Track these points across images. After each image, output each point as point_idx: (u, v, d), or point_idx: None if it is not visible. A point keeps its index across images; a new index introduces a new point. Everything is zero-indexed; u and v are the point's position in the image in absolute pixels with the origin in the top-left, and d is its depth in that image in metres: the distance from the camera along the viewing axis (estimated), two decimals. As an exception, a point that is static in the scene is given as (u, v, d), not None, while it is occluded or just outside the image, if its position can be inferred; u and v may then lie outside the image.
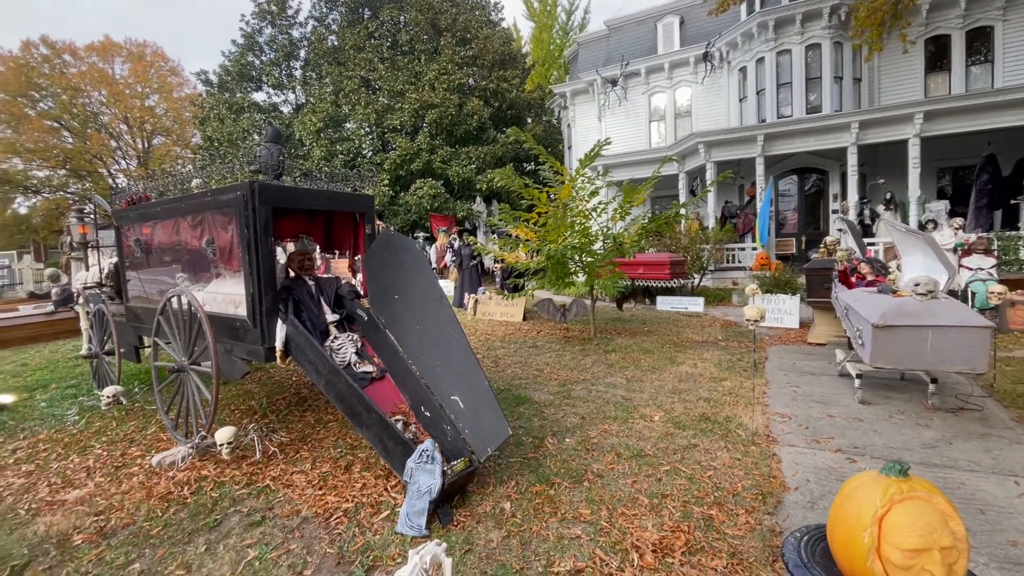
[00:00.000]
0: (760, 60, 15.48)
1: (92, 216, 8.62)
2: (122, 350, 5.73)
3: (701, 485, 3.28)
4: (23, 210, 29.17)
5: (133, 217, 5.35)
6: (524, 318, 10.41)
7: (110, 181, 29.66)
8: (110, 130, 30.68)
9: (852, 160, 12.81)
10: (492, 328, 9.73)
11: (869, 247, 10.99)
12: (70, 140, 28.99)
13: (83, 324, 7.08)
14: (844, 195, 14.17)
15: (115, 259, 6.12)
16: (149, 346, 5.31)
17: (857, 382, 4.90)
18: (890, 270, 6.31)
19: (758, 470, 3.46)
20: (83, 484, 3.72)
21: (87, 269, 7.23)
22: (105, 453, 4.26)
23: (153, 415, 5.12)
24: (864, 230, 12.64)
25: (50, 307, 10.80)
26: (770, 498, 3.08)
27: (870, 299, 4.73)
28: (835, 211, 14.57)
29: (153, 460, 3.93)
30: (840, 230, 11.54)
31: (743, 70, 16.31)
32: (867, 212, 13.39)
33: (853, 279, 6.29)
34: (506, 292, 10.02)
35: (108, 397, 5.35)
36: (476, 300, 11.29)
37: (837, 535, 1.69)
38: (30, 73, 27.31)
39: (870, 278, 6.06)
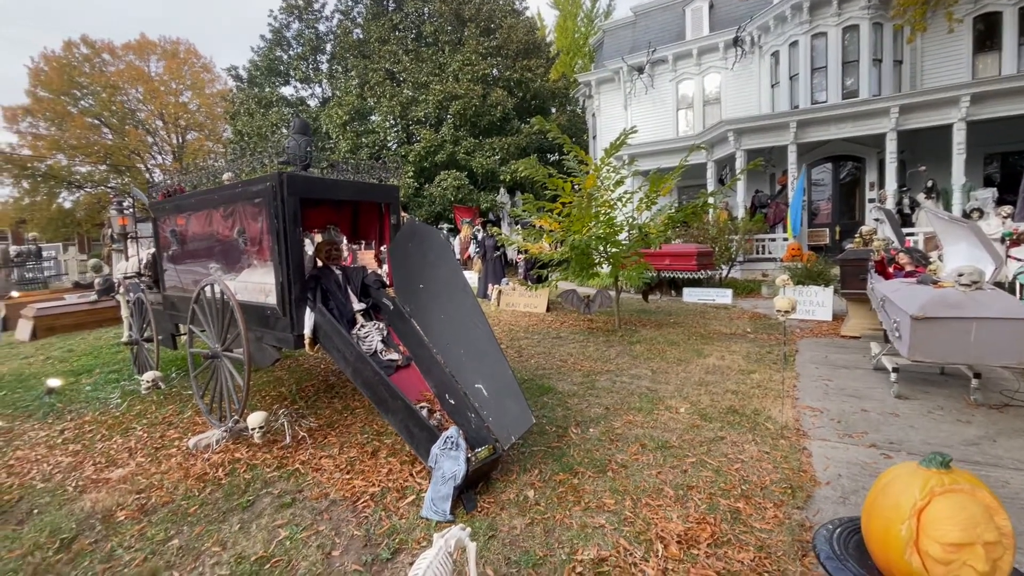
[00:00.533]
0: (794, 44, 14.96)
1: (131, 209, 8.92)
2: (160, 337, 5.91)
3: (728, 478, 3.22)
4: (67, 204, 30.22)
5: (168, 209, 5.50)
6: (548, 309, 10.36)
7: (147, 176, 30.57)
8: (147, 126, 31.56)
9: (891, 147, 12.30)
10: (515, 319, 9.73)
11: (908, 237, 10.57)
12: (110, 136, 29.92)
13: (124, 312, 7.28)
14: (882, 183, 13.64)
15: (153, 250, 6.28)
16: (185, 333, 5.45)
17: (893, 376, 4.74)
18: (931, 260, 6.06)
19: (787, 464, 3.38)
20: (125, 463, 3.88)
21: (127, 260, 7.44)
22: (145, 435, 4.43)
23: (189, 399, 5.29)
24: (903, 220, 12.16)
25: (93, 296, 11.13)
26: (799, 492, 3.01)
27: (909, 290, 4.55)
28: (872, 200, 14.06)
29: (190, 442, 4.07)
30: (877, 219, 11.12)
31: (775, 55, 15.80)
32: (906, 201, 12.87)
33: (891, 270, 6.07)
34: (529, 283, 9.92)
35: (147, 382, 5.53)
36: (500, 291, 11.27)
37: (872, 527, 1.63)
38: (72, 72, 28.21)
39: (909, 269, 5.83)
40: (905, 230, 10.66)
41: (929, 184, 12.50)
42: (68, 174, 28.94)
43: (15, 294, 12.16)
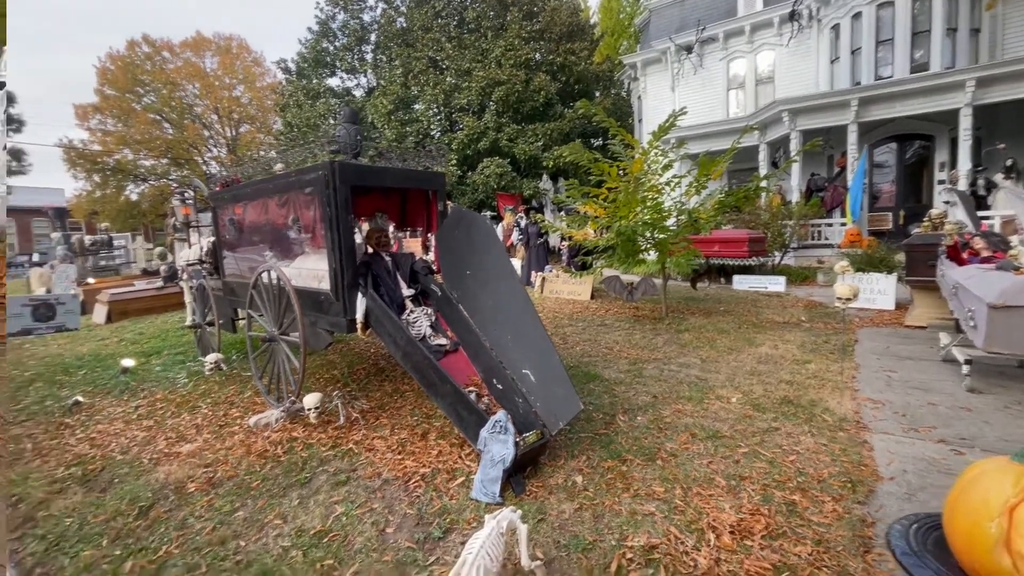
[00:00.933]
0: (856, 15, 14.05)
1: (192, 199, 9.40)
2: (220, 321, 6.17)
3: (783, 469, 3.13)
4: (134, 196, 31.99)
5: (226, 199, 5.71)
6: (592, 296, 10.27)
7: (204, 168, 31.95)
8: (203, 120, 32.89)
9: (965, 123, 11.42)
10: (559, 306, 9.71)
11: (983, 221, 9.84)
12: (170, 131, 31.39)
13: (187, 298, 7.56)
14: (953, 163, 12.71)
15: (213, 238, 6.53)
16: (244, 318, 5.68)
17: (965, 368, 4.45)
18: (1011, 245, 5.63)
19: (846, 457, 3.25)
20: (194, 439, 4.11)
21: (189, 247, 7.79)
22: (210, 413, 4.69)
23: (249, 380, 5.54)
24: (977, 202, 11.32)
25: (159, 282, 11.77)
26: (860, 487, 2.89)
27: (986, 276, 4.24)
28: (942, 181, 13.13)
29: (250, 421, 4.25)
30: (948, 202, 10.40)
31: (835, 28, 14.89)
32: (981, 182, 11.94)
33: (964, 255, 5.67)
34: (573, 270, 9.95)
35: (210, 363, 5.82)
36: (543, 278, 11.26)
37: (956, 524, 1.53)
38: (135, 70, 29.69)
39: (986, 254, 5.43)
40: (980, 213, 9.93)
41: (1008, 163, 11.55)
42: (134, 168, 30.66)
43: (91, 280, 12.93)
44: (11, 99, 26.63)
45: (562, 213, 15.32)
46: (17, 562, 2.68)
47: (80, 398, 5.19)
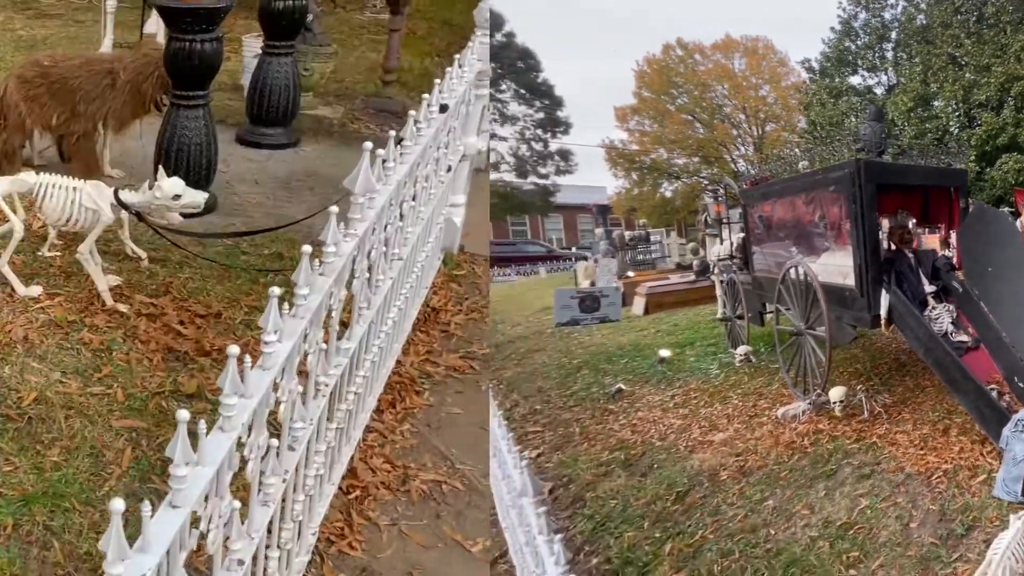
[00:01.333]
0: None
1: (723, 196, 11.87)
2: (749, 315, 7.40)
3: None
4: (668, 194, 38.76)
5: (755, 196, 7.19)
6: None
7: (732, 166, 36.63)
8: (731, 120, 37.74)
9: None
10: None
11: None
12: (701, 130, 37.09)
13: (718, 291, 9.16)
14: None
15: (742, 234, 7.96)
16: (771, 312, 6.81)
17: None
18: None
19: None
20: (725, 429, 4.93)
21: (720, 243, 9.54)
22: (740, 403, 5.62)
23: (776, 373, 6.36)
24: None
25: (692, 276, 13.98)
26: None
27: None
28: None
29: (778, 412, 5.11)
30: None
31: None
32: None
33: None
34: None
35: (740, 355, 6.86)
36: None
37: None
38: (669, 73, 36.39)
39: None
40: None
41: None
42: (667, 166, 38.23)
43: (630, 274, 16.16)
44: (559, 103, 36.95)
45: (1085, 207, 12.98)
46: (567, 539, 3.15)
47: (622, 386, 6.31)
